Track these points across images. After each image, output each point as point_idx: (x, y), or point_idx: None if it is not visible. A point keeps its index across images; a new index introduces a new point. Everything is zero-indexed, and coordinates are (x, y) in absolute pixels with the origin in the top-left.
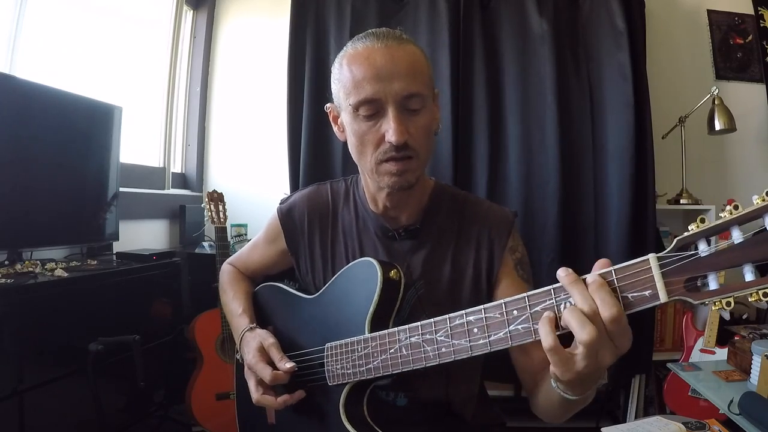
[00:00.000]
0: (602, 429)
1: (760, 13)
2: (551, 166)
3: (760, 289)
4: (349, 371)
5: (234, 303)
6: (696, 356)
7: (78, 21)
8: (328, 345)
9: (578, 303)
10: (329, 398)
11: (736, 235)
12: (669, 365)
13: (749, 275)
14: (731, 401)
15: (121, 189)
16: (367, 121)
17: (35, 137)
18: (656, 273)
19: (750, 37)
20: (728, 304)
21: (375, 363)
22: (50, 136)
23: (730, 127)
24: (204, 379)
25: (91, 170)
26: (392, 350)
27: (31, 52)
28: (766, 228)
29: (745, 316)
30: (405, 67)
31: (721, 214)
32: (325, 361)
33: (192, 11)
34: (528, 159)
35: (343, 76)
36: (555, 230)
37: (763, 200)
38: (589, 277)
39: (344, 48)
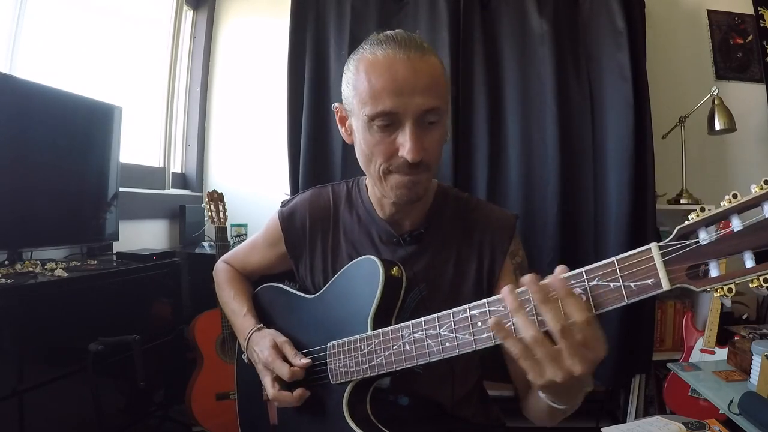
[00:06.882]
0: (602, 429)
1: (760, 13)
2: (551, 166)
3: (760, 275)
4: (352, 369)
5: (235, 302)
6: (696, 356)
7: (78, 21)
8: (331, 344)
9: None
10: (332, 397)
11: (736, 224)
12: (669, 365)
13: (749, 262)
14: (731, 401)
15: (121, 189)
16: (381, 132)
17: (35, 137)
18: (658, 261)
19: (750, 37)
20: (729, 290)
21: (378, 360)
22: (50, 136)
23: (730, 127)
24: (204, 379)
25: (91, 170)
26: (395, 347)
27: (31, 52)
28: (765, 216)
29: (745, 316)
30: (426, 82)
31: (721, 203)
32: (327, 359)
33: (192, 11)
34: (528, 159)
35: (360, 83)
36: (555, 230)
37: (762, 188)
38: (554, 283)
39: (360, 49)
